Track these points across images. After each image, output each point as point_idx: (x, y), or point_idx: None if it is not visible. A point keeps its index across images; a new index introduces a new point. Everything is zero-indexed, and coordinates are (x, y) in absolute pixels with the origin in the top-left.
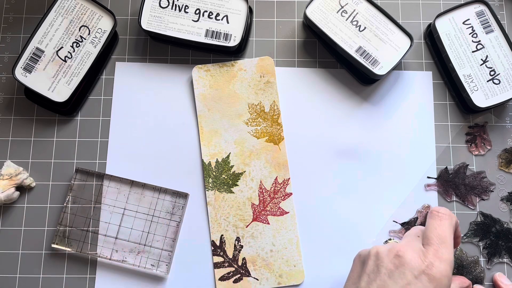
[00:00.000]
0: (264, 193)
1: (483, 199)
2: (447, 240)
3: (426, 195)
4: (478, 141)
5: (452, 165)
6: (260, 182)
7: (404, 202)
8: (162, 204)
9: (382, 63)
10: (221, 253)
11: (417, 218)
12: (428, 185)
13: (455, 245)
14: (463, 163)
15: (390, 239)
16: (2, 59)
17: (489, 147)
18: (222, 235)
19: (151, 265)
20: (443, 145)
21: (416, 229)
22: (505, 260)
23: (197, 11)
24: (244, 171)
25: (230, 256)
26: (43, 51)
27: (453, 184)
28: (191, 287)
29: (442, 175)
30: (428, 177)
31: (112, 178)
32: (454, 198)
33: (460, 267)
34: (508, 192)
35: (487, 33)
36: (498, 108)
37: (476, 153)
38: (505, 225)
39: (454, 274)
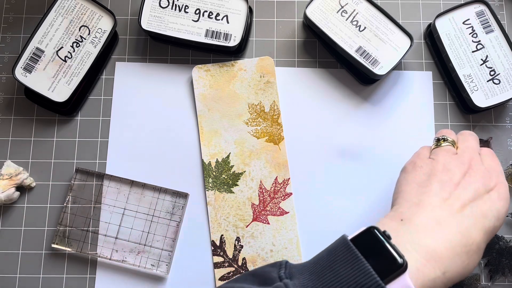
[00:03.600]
0: (264, 193)
1: None
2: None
3: None
4: None
5: None
6: (260, 182)
7: None
8: (162, 204)
9: (382, 63)
10: (221, 253)
11: None
12: None
13: None
14: None
15: (443, 139)
16: (2, 59)
17: None
18: (222, 235)
19: (151, 265)
20: None
21: (474, 145)
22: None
23: (197, 11)
24: (244, 171)
25: (230, 256)
26: (43, 51)
27: None
28: (191, 287)
29: None
30: None
31: (112, 178)
32: None
33: (459, 282)
34: None
35: (487, 33)
36: (498, 108)
37: None
38: (510, 243)
39: None
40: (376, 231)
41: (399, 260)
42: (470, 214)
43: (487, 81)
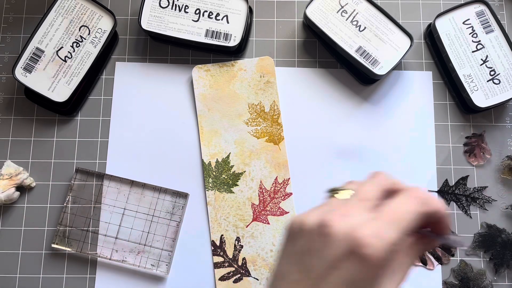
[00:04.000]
0: (264, 193)
1: (486, 209)
2: (404, 221)
3: None
4: (477, 151)
5: (453, 174)
6: (260, 182)
7: None
8: (162, 204)
9: (382, 63)
10: (221, 253)
11: None
12: None
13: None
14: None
15: (338, 190)
16: (2, 59)
17: (488, 156)
18: (222, 235)
19: (151, 265)
20: (443, 145)
21: (370, 191)
22: None
23: (197, 11)
24: (244, 171)
25: (230, 256)
26: (43, 51)
27: (454, 196)
28: (191, 287)
29: (442, 187)
30: (429, 191)
31: (112, 178)
32: (456, 210)
33: (465, 279)
34: None
35: (487, 33)
36: (498, 108)
37: (476, 163)
38: (511, 235)
39: (459, 287)
40: None
41: None
42: None
43: (487, 81)
